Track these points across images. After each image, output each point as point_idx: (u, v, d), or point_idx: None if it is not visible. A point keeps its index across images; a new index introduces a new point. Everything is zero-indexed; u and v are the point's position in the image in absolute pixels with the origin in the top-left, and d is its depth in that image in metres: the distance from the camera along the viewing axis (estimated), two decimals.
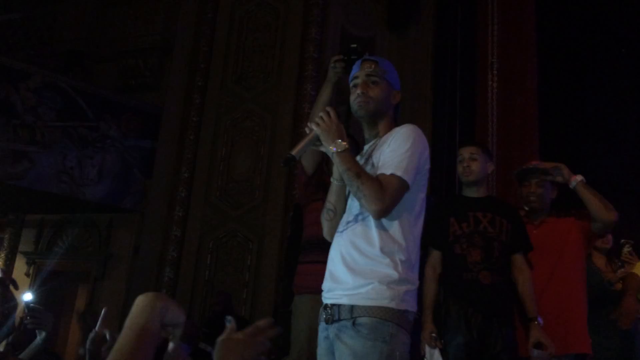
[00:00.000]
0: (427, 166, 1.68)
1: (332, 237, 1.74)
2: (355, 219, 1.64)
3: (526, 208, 2.72)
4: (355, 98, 1.72)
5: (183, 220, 5.15)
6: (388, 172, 1.58)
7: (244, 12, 5.63)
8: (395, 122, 1.78)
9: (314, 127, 1.62)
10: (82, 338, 4.61)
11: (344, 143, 1.59)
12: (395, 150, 1.62)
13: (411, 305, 1.57)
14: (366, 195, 1.54)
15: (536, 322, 2.41)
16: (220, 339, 1.03)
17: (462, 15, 4.86)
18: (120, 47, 6.05)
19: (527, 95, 4.39)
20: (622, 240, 3.30)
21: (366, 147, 1.78)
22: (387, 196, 1.54)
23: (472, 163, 2.58)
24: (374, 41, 5.53)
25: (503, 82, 4.32)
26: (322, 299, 1.66)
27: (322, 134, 1.60)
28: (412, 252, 1.60)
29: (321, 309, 1.65)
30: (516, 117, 4.25)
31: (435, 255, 2.56)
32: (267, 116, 5.28)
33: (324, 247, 1.80)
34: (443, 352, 2.43)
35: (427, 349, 2.44)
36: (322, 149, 1.64)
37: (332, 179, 1.72)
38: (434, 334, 2.43)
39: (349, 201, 1.70)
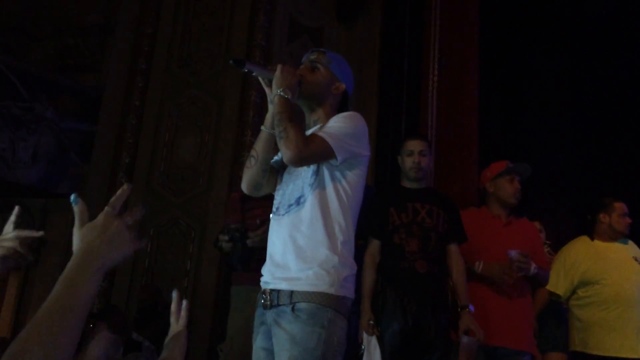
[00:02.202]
0: (366, 153, 1.73)
1: (248, 187, 1.76)
2: (297, 202, 1.66)
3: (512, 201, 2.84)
4: None
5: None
6: (319, 134, 1.64)
7: None
8: (336, 111, 1.81)
9: (277, 67, 1.67)
10: None
11: (290, 92, 1.64)
12: (333, 126, 1.67)
13: (349, 292, 1.60)
14: (289, 137, 1.58)
15: (467, 310, 2.52)
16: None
17: (409, 7, 4.94)
18: (59, 25, 5.78)
19: (468, 89, 4.53)
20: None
21: (307, 132, 1.80)
22: (306, 147, 1.58)
23: (422, 159, 2.66)
24: (323, 31, 5.53)
25: (445, 75, 4.43)
26: (261, 283, 1.67)
27: (277, 77, 1.65)
28: (351, 233, 1.64)
29: (259, 294, 1.66)
30: (456, 111, 4.38)
31: (374, 244, 2.62)
32: (213, 102, 5.20)
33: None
34: (380, 339, 2.50)
35: (365, 336, 2.50)
36: (267, 88, 1.70)
37: (262, 127, 1.75)
38: (371, 322, 2.49)
39: (290, 184, 1.71)
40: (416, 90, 4.70)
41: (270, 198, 1.80)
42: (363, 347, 2.45)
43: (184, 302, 1.31)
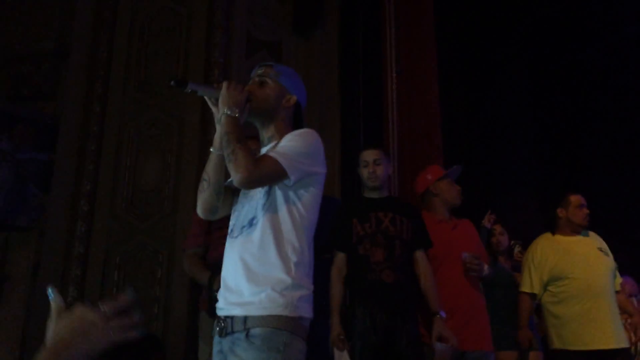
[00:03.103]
0: (322, 170, 1.70)
1: (203, 212, 1.73)
2: (250, 223, 1.63)
3: (458, 202, 2.86)
4: None
5: (86, 236, 4.87)
6: (270, 155, 1.61)
7: (145, 16, 5.43)
8: (294, 127, 1.78)
9: (223, 85, 1.64)
10: None
11: (237, 111, 1.60)
12: (286, 145, 1.64)
13: (306, 311, 1.57)
14: (238, 159, 1.54)
15: (438, 316, 2.50)
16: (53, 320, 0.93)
17: (363, 19, 4.97)
18: (10, 53, 5.64)
19: (429, 96, 4.56)
20: (512, 242, 3.54)
21: (263, 150, 1.77)
22: (256, 169, 1.55)
23: (377, 168, 2.66)
24: (281, 45, 5.53)
25: (404, 84, 4.46)
26: (217, 310, 1.62)
27: (224, 96, 1.62)
28: (306, 254, 1.61)
29: (215, 322, 1.61)
30: (419, 119, 4.40)
31: (340, 257, 2.60)
32: (173, 123, 5.11)
33: None
34: (351, 353, 2.46)
35: (336, 351, 2.46)
36: (213, 108, 1.67)
37: (211, 149, 1.72)
38: (341, 336, 2.45)
39: (245, 205, 1.68)
40: (377, 100, 4.72)
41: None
42: None
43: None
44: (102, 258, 4.81)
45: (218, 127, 1.64)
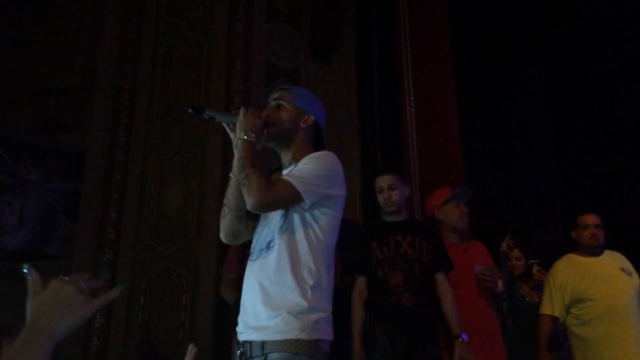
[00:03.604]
0: (340, 193, 1.68)
1: (226, 237, 1.73)
2: (267, 246, 1.62)
3: (460, 226, 2.85)
4: None
5: (113, 263, 4.98)
6: (285, 178, 1.60)
7: (167, 47, 5.60)
8: (314, 148, 1.77)
9: (240, 111, 1.65)
10: None
11: (253, 136, 1.61)
12: (302, 168, 1.63)
13: (325, 334, 1.54)
14: (251, 184, 1.55)
15: (460, 340, 2.48)
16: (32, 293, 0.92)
17: (379, 41, 5.03)
18: (38, 88, 5.85)
19: (448, 116, 4.57)
20: (530, 262, 3.49)
21: (284, 172, 1.76)
22: (270, 192, 1.55)
23: (392, 193, 2.66)
24: (299, 72, 5.62)
25: (422, 106, 4.48)
26: (237, 335, 1.63)
27: (241, 121, 1.63)
28: (323, 277, 1.58)
29: (236, 346, 1.62)
30: (438, 137, 4.40)
31: (360, 281, 2.60)
32: (196, 150, 5.22)
33: None
34: None
35: None
36: (231, 134, 1.67)
37: (230, 174, 1.72)
38: None
39: (265, 228, 1.67)
40: (396, 122, 4.75)
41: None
42: None
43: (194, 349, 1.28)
44: (129, 285, 4.90)
45: (235, 152, 1.65)
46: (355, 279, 2.61)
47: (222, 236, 1.75)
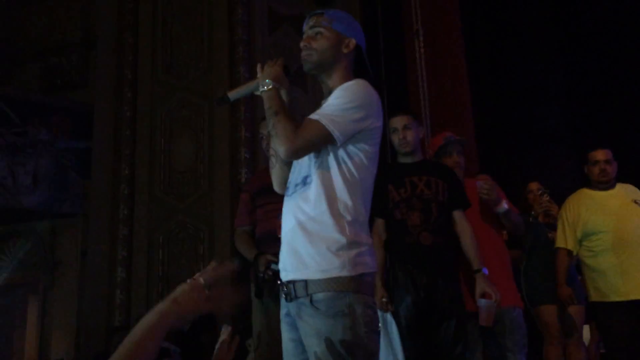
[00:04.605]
0: (376, 124, 1.60)
1: (279, 186, 1.69)
2: (304, 181, 1.59)
3: None
4: (301, 54, 1.66)
5: (129, 218, 5.05)
6: (314, 117, 1.55)
7: None
8: (357, 72, 1.68)
9: (257, 69, 1.62)
10: None
11: (272, 84, 1.58)
12: (332, 103, 1.57)
13: (367, 267, 1.51)
14: (278, 133, 1.53)
15: (481, 273, 2.53)
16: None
17: None
18: (40, 46, 5.79)
19: (455, 58, 4.51)
20: (539, 191, 3.50)
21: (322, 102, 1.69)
22: (298, 137, 1.51)
23: (407, 133, 2.65)
24: (302, 18, 5.50)
25: (430, 47, 4.41)
26: (280, 273, 1.60)
27: (259, 78, 1.60)
28: (360, 211, 1.55)
29: (279, 285, 1.60)
30: (446, 81, 4.36)
31: (379, 223, 2.64)
32: (203, 103, 5.20)
33: (277, 239, 1.75)
34: (395, 315, 2.52)
35: (380, 313, 2.52)
36: (257, 93, 1.62)
37: None
38: (384, 299, 2.51)
39: (299, 162, 1.63)
40: (400, 64, 4.69)
41: (280, 194, 1.72)
42: (379, 324, 2.48)
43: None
44: (146, 239, 4.99)
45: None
46: (374, 222, 2.65)
47: (275, 187, 1.71)
